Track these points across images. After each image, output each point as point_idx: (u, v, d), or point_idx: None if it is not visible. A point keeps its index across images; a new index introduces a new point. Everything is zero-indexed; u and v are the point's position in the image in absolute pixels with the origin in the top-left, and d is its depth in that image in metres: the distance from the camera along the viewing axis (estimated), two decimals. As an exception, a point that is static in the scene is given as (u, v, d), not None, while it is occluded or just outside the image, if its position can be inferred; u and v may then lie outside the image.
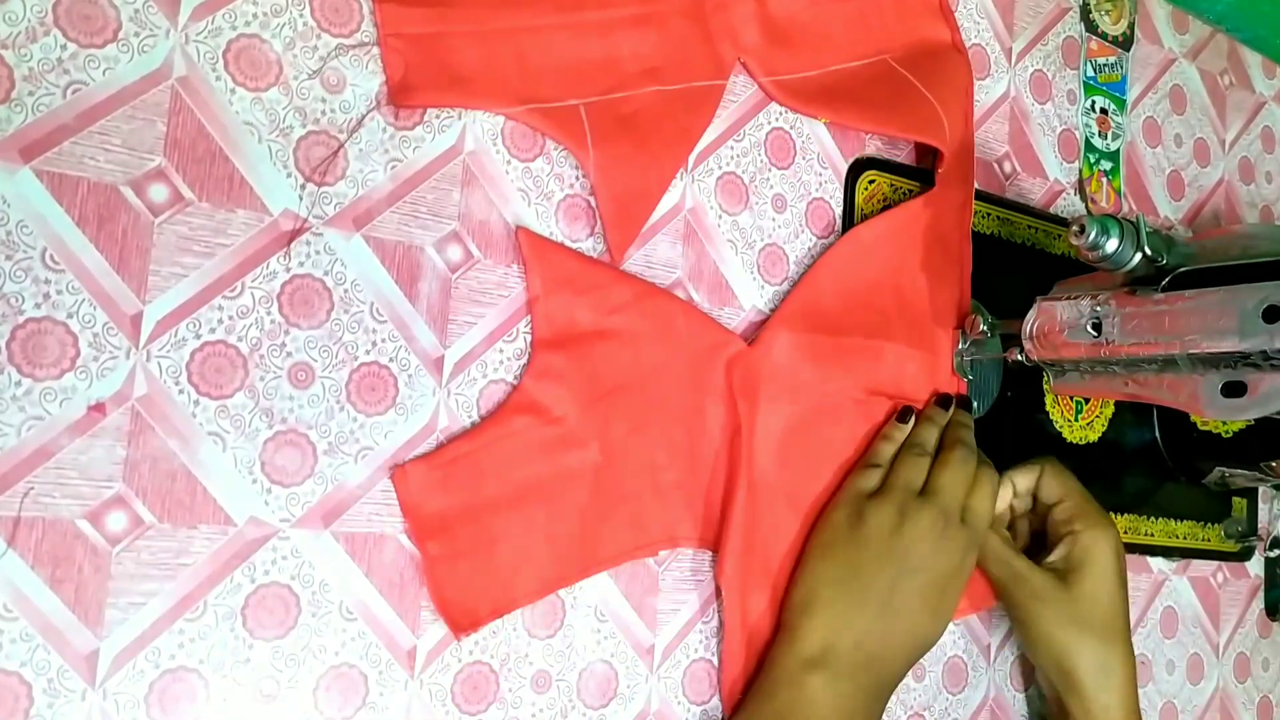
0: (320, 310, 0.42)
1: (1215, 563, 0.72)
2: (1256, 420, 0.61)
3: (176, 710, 0.38)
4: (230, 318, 0.40)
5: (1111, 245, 0.46)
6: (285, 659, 0.40)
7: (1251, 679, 0.73)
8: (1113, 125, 0.69)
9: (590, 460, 0.46)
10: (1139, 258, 0.46)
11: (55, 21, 0.38)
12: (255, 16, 0.41)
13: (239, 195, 0.41)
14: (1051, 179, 0.66)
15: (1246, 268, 0.45)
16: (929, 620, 0.50)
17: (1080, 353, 0.50)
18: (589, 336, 0.46)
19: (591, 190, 0.47)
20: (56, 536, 0.37)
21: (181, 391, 0.39)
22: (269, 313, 0.41)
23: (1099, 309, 0.49)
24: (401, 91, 0.43)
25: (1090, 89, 0.68)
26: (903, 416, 0.53)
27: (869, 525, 0.49)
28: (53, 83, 0.37)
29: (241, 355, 0.40)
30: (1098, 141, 0.68)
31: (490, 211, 0.46)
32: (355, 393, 0.42)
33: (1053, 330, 0.51)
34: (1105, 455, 0.64)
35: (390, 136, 0.44)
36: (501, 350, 0.46)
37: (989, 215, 0.61)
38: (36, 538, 0.36)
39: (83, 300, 0.37)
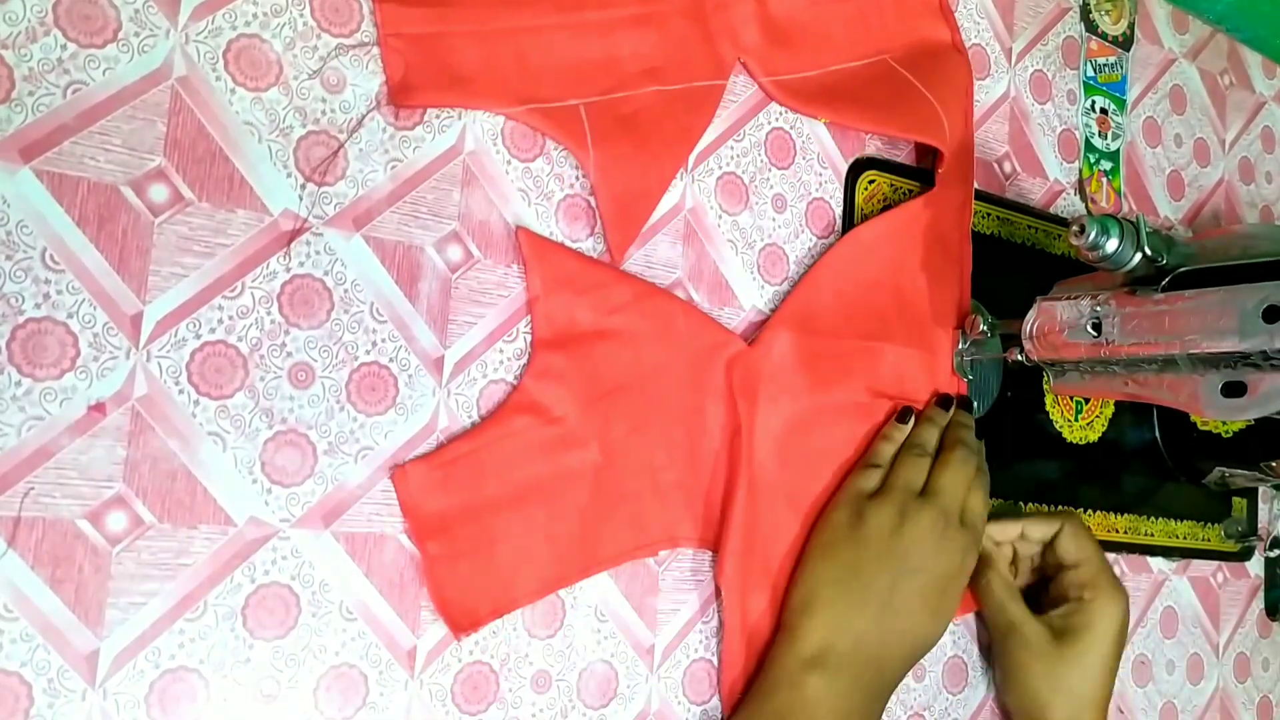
0: (320, 310, 0.42)
1: (1215, 563, 0.72)
2: (1256, 420, 0.61)
3: (176, 710, 0.38)
4: (230, 318, 0.40)
5: (1111, 245, 0.46)
6: (285, 659, 0.40)
7: (1251, 679, 0.73)
8: (1113, 125, 0.69)
9: (590, 460, 0.46)
10: (1139, 258, 0.46)
11: (55, 21, 0.38)
12: (255, 16, 0.41)
13: (239, 195, 0.41)
14: (1051, 179, 0.66)
15: (1246, 268, 0.45)
16: (929, 620, 0.50)
17: (1080, 353, 0.50)
18: (589, 336, 0.46)
19: (591, 190, 0.47)
20: (56, 536, 0.37)
21: (181, 391, 0.39)
22: (269, 313, 0.41)
23: (1099, 309, 0.49)
24: (401, 91, 0.43)
25: (1090, 89, 0.68)
26: (903, 417, 0.53)
27: (869, 525, 0.49)
28: (53, 83, 0.37)
29: (241, 355, 0.40)
30: (1098, 141, 0.68)
31: (490, 211, 0.46)
32: (355, 393, 0.42)
33: (1053, 330, 0.51)
34: (1105, 455, 0.64)
35: (390, 136, 0.44)
36: (501, 350, 0.46)
37: (989, 215, 0.61)
38: (36, 538, 0.36)
39: (83, 300, 0.37)
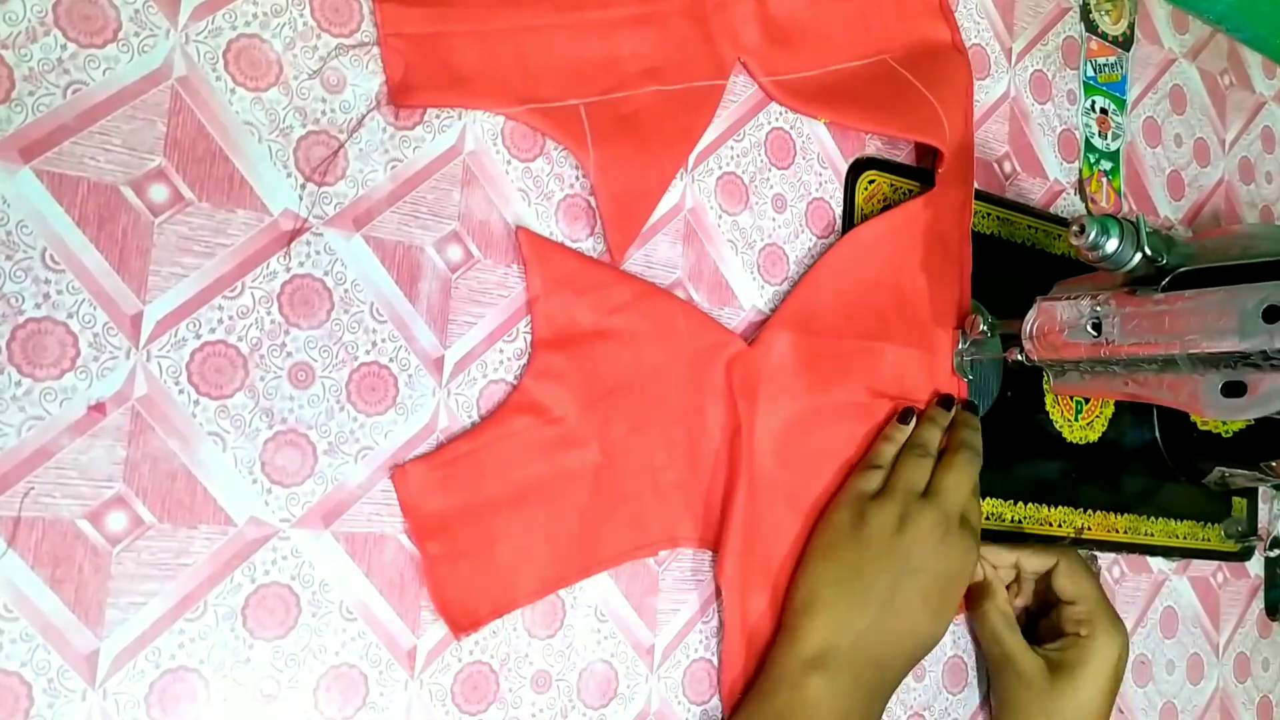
0: (320, 310, 0.42)
1: (1215, 563, 0.72)
2: (1256, 420, 0.61)
3: (176, 710, 0.38)
4: (230, 318, 0.40)
5: (1111, 245, 0.46)
6: (285, 659, 0.40)
7: (1251, 679, 0.73)
8: (1113, 125, 0.69)
9: (590, 460, 0.46)
10: (1139, 258, 0.46)
11: (55, 21, 0.38)
12: (255, 16, 0.41)
13: (239, 195, 0.41)
14: (1051, 179, 0.66)
15: (1246, 268, 0.45)
16: (930, 621, 0.50)
17: (1080, 353, 0.50)
18: (589, 336, 0.46)
19: (591, 190, 0.47)
20: (56, 536, 0.37)
21: (181, 391, 0.39)
22: (269, 313, 0.41)
23: (1099, 309, 0.49)
24: (401, 91, 0.43)
25: (1090, 89, 0.68)
26: (904, 417, 0.53)
27: (871, 526, 0.49)
28: (53, 83, 0.37)
29: (241, 355, 0.40)
30: (1098, 141, 0.68)
31: (490, 211, 0.46)
32: (355, 393, 0.42)
33: (1053, 330, 0.51)
34: (1105, 455, 0.64)
35: (390, 136, 0.44)
36: (501, 350, 0.46)
37: (989, 215, 0.61)
38: (36, 538, 0.36)
39: (83, 300, 0.37)
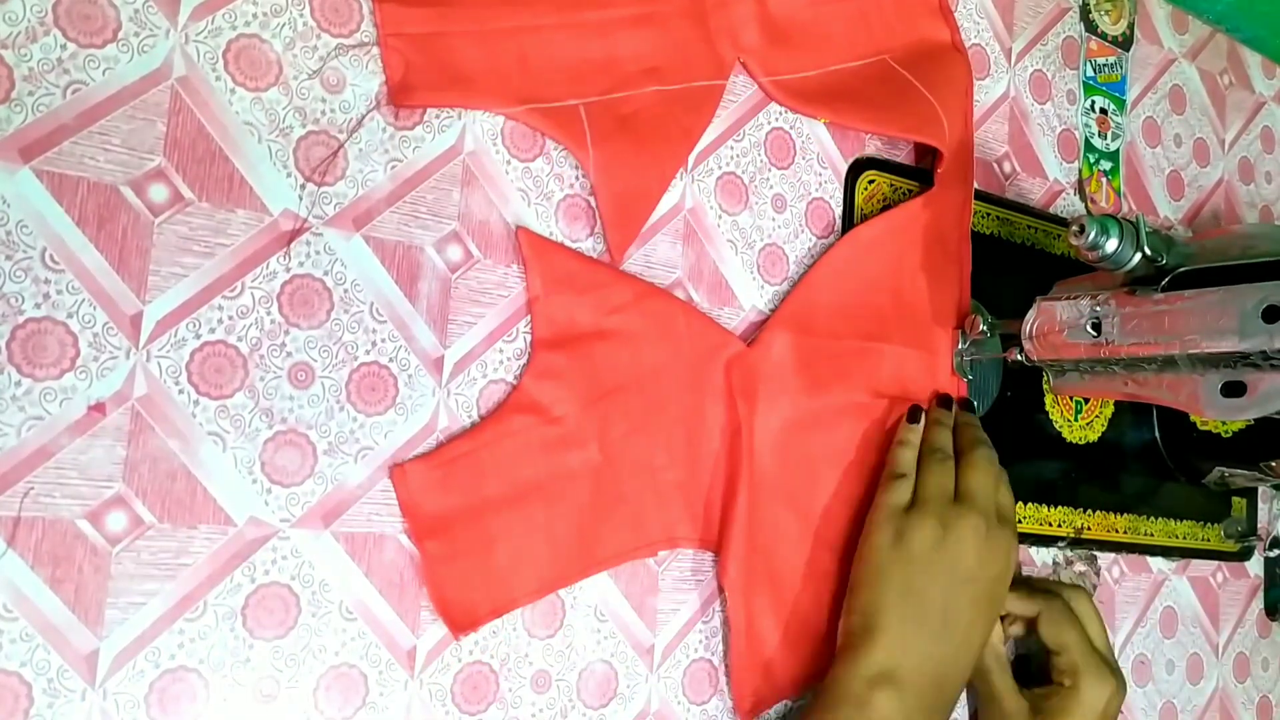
0: (320, 310, 0.42)
1: (1215, 563, 0.72)
2: (1256, 420, 0.61)
3: (176, 710, 0.38)
4: (230, 318, 0.40)
5: (1111, 245, 0.46)
6: (285, 659, 0.40)
7: (1251, 679, 0.73)
8: (1112, 125, 0.69)
9: (590, 460, 0.46)
10: (1139, 258, 0.46)
11: (55, 21, 0.38)
12: (255, 16, 0.41)
13: (239, 195, 0.41)
14: (1051, 179, 0.66)
15: (1246, 268, 0.45)
16: (984, 628, 0.49)
17: (1080, 353, 0.50)
18: (589, 336, 0.46)
19: (591, 190, 0.47)
20: (56, 536, 0.37)
21: (181, 391, 0.39)
22: (269, 313, 0.41)
23: (1099, 309, 0.49)
24: (401, 91, 0.43)
25: (1090, 89, 0.68)
26: (913, 417, 0.53)
27: (913, 542, 0.48)
28: (53, 83, 0.37)
29: (241, 355, 0.40)
30: (1097, 141, 0.68)
31: (490, 211, 0.46)
32: (355, 393, 0.42)
33: (1052, 330, 0.51)
34: (1105, 455, 0.64)
35: (390, 136, 0.44)
36: (501, 350, 0.46)
37: (989, 215, 0.61)
38: (36, 538, 0.36)
39: (83, 300, 0.37)
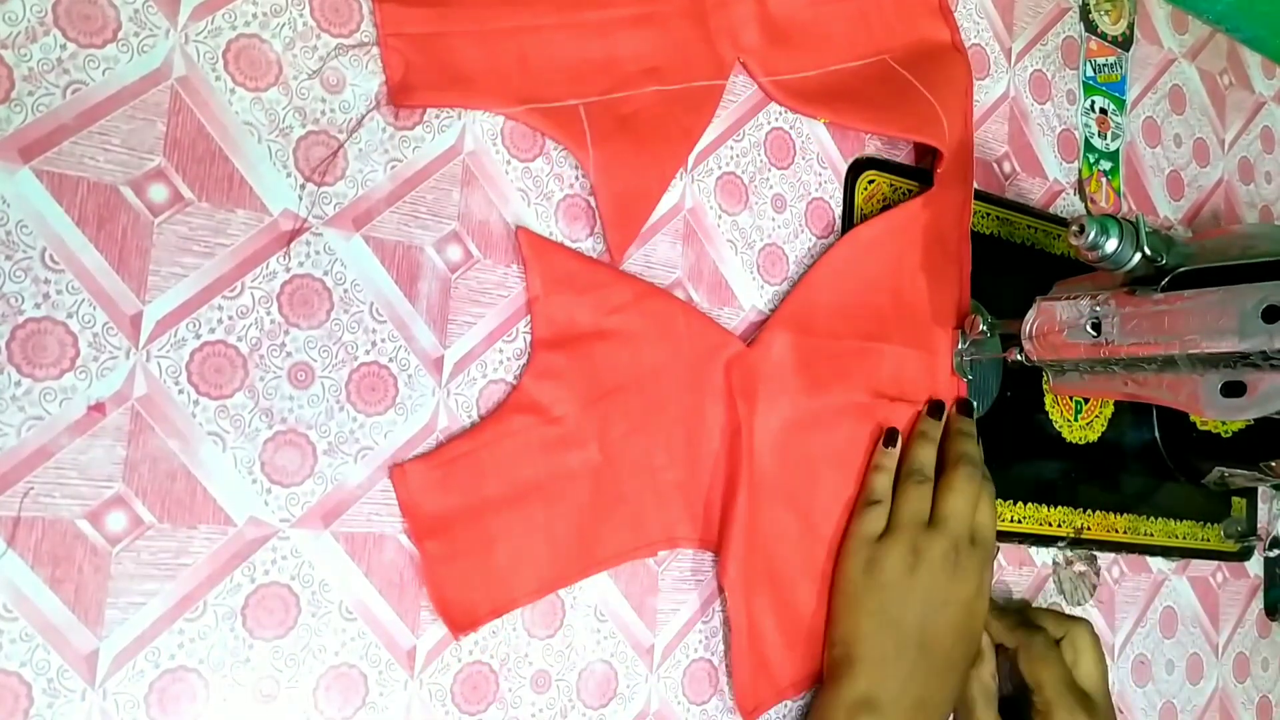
0: (320, 310, 0.42)
1: (1215, 563, 0.72)
2: (1256, 420, 0.61)
3: (176, 710, 0.38)
4: (230, 318, 0.40)
5: (1111, 245, 0.46)
6: (285, 659, 0.40)
7: (1251, 679, 0.73)
8: (1112, 125, 0.69)
9: (590, 460, 0.46)
10: (1139, 258, 0.46)
11: (55, 21, 0.38)
12: (255, 16, 0.41)
13: (239, 195, 0.41)
14: (1051, 179, 0.66)
15: (1246, 268, 0.45)
16: (966, 649, 0.50)
17: (1080, 353, 0.50)
18: (589, 336, 0.46)
19: (591, 190, 0.47)
20: (56, 536, 0.37)
21: (181, 391, 0.39)
22: (269, 313, 0.41)
23: (1099, 309, 0.49)
24: (401, 91, 0.43)
25: (1090, 89, 0.68)
26: (889, 440, 0.53)
27: (885, 570, 0.48)
28: (53, 83, 0.37)
29: (241, 355, 0.40)
30: (1097, 141, 0.68)
31: (490, 211, 0.46)
32: (355, 393, 0.42)
33: (1052, 330, 0.51)
34: (1105, 455, 0.64)
35: (390, 136, 0.44)
36: (501, 350, 0.46)
37: (989, 215, 0.61)
38: (36, 538, 0.36)
39: (82, 300, 0.37)
